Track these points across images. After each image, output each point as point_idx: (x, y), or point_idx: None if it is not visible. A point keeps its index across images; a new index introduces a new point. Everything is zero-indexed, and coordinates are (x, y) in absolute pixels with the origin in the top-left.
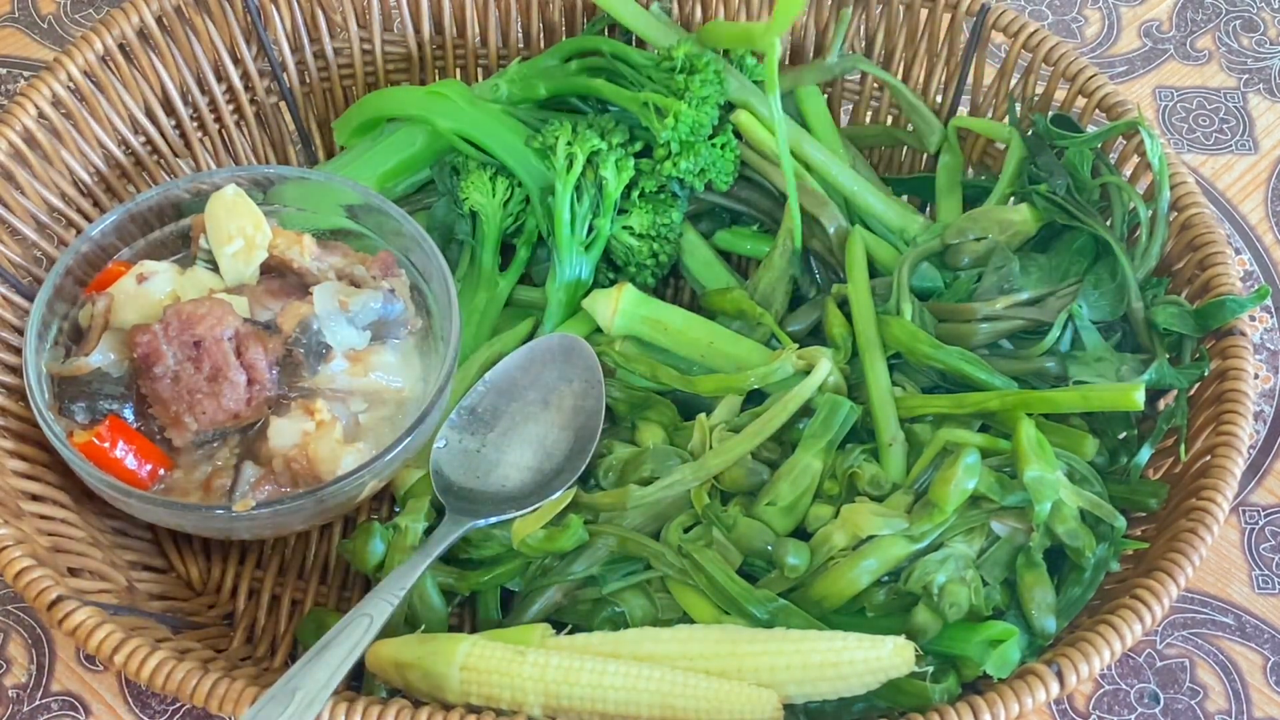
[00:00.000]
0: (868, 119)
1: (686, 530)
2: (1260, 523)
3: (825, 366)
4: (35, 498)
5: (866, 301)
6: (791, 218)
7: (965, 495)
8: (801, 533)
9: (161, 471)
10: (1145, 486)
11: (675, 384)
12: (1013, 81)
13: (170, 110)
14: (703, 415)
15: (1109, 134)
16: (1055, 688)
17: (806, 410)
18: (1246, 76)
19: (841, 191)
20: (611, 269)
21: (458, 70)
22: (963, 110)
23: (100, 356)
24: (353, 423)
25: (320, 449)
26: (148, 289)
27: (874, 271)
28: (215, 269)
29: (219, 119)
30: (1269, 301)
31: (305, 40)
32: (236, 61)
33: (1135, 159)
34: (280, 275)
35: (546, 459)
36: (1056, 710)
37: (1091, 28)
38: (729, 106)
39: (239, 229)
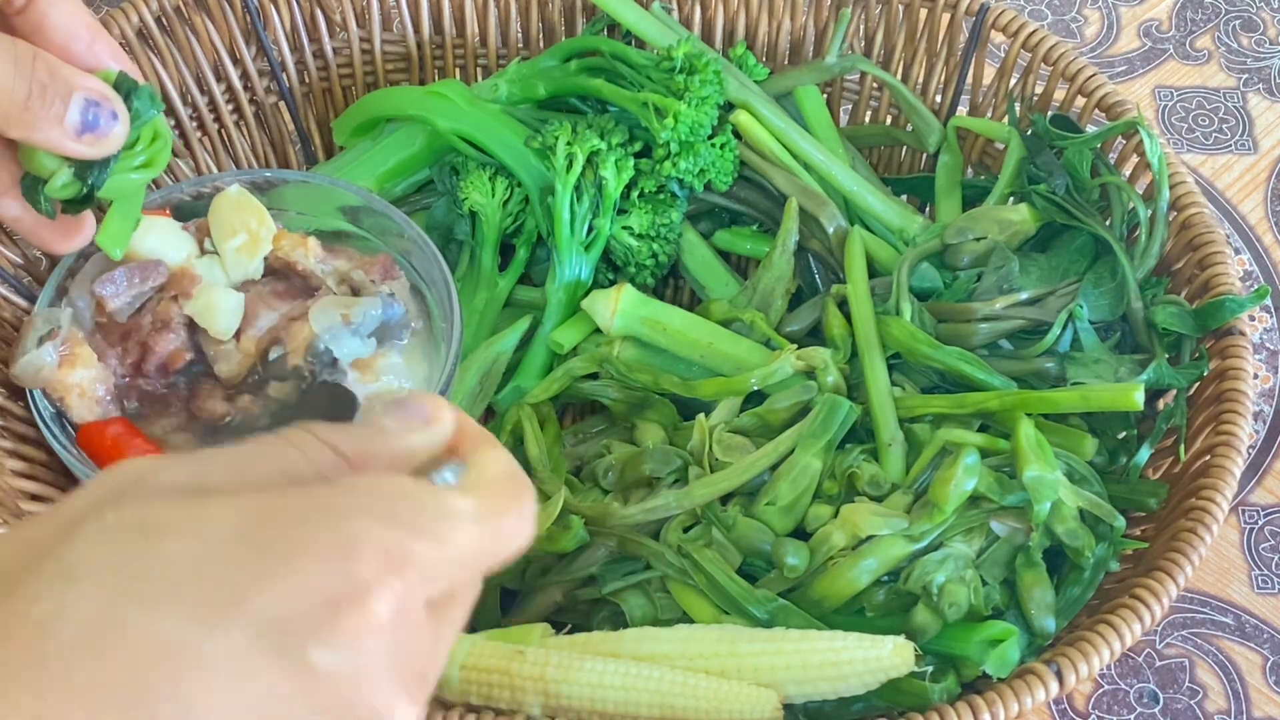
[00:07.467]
0: (867, 119)
1: (686, 530)
2: (1260, 523)
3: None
4: (35, 498)
5: (866, 301)
6: (789, 218)
7: (965, 495)
8: (801, 533)
9: None
10: (1145, 486)
11: (677, 390)
12: (1012, 81)
13: (169, 110)
14: (702, 415)
15: (1108, 134)
16: (1055, 687)
17: (805, 410)
18: (1246, 76)
19: (841, 191)
20: (611, 269)
21: (457, 70)
22: (962, 110)
23: None
24: None
25: None
26: None
27: (873, 271)
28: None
29: (218, 119)
30: (1269, 301)
31: (304, 40)
32: (236, 62)
33: (1135, 159)
34: (285, 278)
35: None
36: (1056, 710)
37: (1091, 28)
38: (729, 106)
39: (243, 223)
